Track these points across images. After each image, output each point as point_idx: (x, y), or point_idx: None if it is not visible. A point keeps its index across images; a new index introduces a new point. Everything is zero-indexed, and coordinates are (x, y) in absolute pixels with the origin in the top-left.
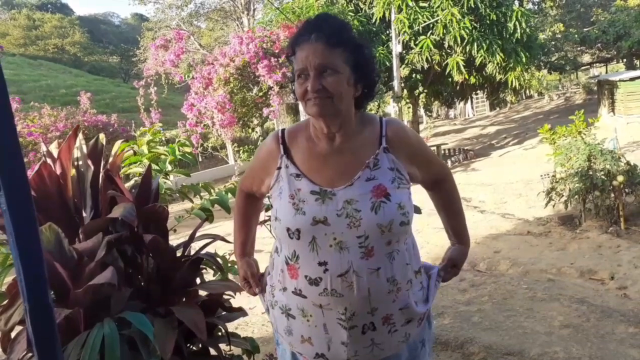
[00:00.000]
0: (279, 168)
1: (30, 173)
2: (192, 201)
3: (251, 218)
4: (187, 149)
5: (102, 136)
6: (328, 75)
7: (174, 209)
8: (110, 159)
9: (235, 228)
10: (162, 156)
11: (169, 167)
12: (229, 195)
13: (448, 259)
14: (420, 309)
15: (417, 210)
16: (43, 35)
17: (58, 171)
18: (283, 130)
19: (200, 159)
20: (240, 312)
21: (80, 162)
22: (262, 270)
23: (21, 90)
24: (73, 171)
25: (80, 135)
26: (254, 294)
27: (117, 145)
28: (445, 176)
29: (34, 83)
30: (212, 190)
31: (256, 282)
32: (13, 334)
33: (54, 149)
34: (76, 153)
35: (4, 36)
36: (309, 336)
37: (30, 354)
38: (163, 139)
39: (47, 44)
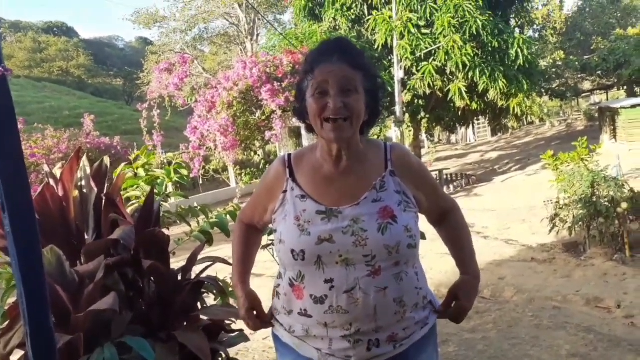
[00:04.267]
0: (285, 191)
1: (33, 193)
2: (189, 225)
3: (251, 250)
4: (184, 172)
5: (106, 159)
6: (349, 94)
7: (174, 231)
8: (113, 182)
9: (234, 259)
10: (159, 179)
11: (170, 189)
12: (229, 217)
13: (450, 290)
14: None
15: (421, 235)
16: (48, 58)
17: (60, 193)
18: (289, 154)
19: (202, 182)
20: (242, 337)
21: (84, 184)
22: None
23: (25, 111)
24: (76, 193)
25: (85, 158)
26: (257, 328)
27: (121, 168)
28: (452, 208)
29: (38, 105)
30: (209, 213)
31: (263, 311)
32: (12, 359)
33: (57, 170)
34: (80, 175)
35: (9, 58)
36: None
37: None
38: (165, 160)
39: (52, 67)
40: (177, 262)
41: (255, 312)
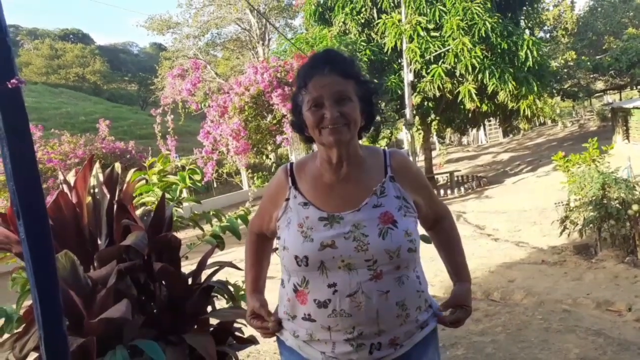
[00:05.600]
0: (287, 199)
1: (48, 199)
2: (202, 229)
3: (262, 258)
4: (198, 177)
5: (117, 165)
6: (344, 103)
7: (187, 234)
8: (124, 187)
9: (246, 267)
10: (174, 185)
11: (184, 194)
12: (239, 221)
13: (452, 297)
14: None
15: (428, 240)
16: (65, 64)
17: (74, 200)
18: (291, 163)
19: (215, 185)
20: (251, 341)
21: (96, 190)
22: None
23: (42, 117)
24: (89, 199)
25: (97, 164)
26: (263, 329)
27: (131, 173)
28: (446, 214)
29: (54, 110)
30: (222, 217)
31: (267, 313)
32: None
33: (71, 177)
34: (92, 181)
35: (27, 65)
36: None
37: None
38: (179, 165)
39: (68, 73)
40: (190, 266)
41: (259, 320)
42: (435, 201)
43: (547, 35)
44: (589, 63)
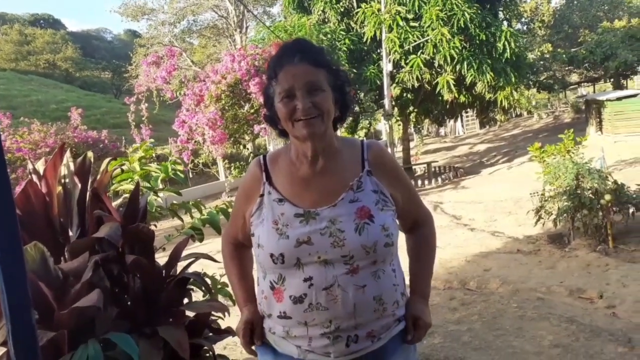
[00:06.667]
0: (262, 195)
1: (17, 190)
2: (182, 220)
3: (248, 268)
4: (180, 167)
5: (89, 154)
6: (316, 93)
7: (164, 225)
8: (98, 177)
9: (232, 280)
10: (154, 174)
11: (161, 185)
12: (220, 215)
13: (412, 316)
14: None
15: None
16: (35, 50)
17: (44, 189)
18: (264, 156)
19: (191, 175)
20: (228, 332)
21: (67, 180)
22: None
23: (11, 105)
24: (59, 189)
25: (68, 153)
26: (249, 347)
27: (106, 162)
28: (428, 219)
29: (24, 98)
30: (202, 209)
31: (260, 336)
32: None
33: (40, 166)
34: (63, 170)
35: None
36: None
37: None
38: (154, 155)
39: (38, 59)
40: (166, 258)
41: (247, 335)
42: (414, 198)
43: (524, 28)
44: (564, 55)
